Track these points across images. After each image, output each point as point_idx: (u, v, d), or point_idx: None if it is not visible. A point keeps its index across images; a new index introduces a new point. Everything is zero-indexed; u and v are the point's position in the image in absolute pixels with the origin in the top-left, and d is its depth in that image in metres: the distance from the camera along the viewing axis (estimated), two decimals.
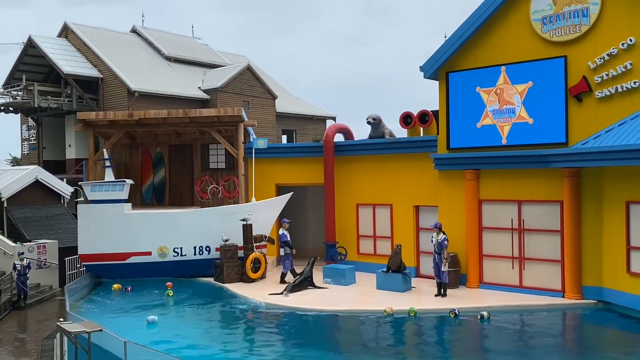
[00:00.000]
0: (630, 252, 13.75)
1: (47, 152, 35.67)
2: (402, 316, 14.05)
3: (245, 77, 35.85)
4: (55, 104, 32.33)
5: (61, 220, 24.90)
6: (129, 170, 22.87)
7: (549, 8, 15.28)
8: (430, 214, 17.95)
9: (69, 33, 34.66)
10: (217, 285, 17.99)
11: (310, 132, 41.70)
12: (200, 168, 22.39)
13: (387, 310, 14.27)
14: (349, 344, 12.49)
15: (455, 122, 16.95)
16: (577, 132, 14.85)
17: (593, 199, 14.67)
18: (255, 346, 12.16)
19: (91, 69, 32.53)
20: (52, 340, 14.44)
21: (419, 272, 18.30)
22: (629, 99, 14.07)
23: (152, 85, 32.49)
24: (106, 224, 18.81)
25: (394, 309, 14.26)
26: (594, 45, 14.64)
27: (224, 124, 20.70)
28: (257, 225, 18.64)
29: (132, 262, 18.84)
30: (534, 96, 15.55)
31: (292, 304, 15.16)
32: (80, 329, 10.83)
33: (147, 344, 11.34)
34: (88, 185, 19.37)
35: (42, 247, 21.39)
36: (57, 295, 20.42)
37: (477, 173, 16.56)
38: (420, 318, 13.95)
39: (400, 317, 14.03)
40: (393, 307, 14.34)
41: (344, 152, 20.07)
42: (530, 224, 15.79)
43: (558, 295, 15.14)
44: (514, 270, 16.05)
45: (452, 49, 16.76)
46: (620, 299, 14.03)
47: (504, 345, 12.06)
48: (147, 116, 20.23)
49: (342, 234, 19.98)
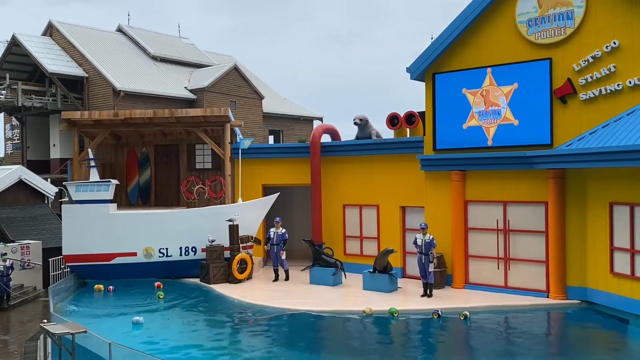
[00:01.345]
0: (613, 252, 13.90)
1: (31, 151, 35.31)
2: (382, 316, 14.04)
3: (232, 77, 35.77)
4: (39, 103, 32.00)
5: (45, 220, 24.63)
6: (114, 170, 22.71)
7: (534, 10, 15.41)
8: (417, 214, 18.02)
9: (53, 31, 34.34)
10: (203, 286, 17.91)
11: (297, 132, 41.70)
12: (186, 168, 22.28)
13: (366, 310, 14.25)
14: (330, 345, 12.53)
15: (441, 123, 17.04)
16: (562, 133, 14.99)
17: (577, 200, 14.81)
18: (240, 347, 12.12)
19: (76, 68, 32.26)
20: (35, 341, 14.27)
21: (405, 273, 18.36)
22: (612, 101, 14.23)
23: (138, 85, 32.29)
24: (91, 225, 18.65)
25: (373, 310, 14.26)
26: (578, 47, 14.79)
27: (210, 124, 20.63)
28: (243, 226, 18.59)
29: (117, 263, 18.70)
30: (519, 98, 15.67)
31: (279, 304, 15.13)
32: (64, 331, 10.73)
33: (132, 345, 11.26)
34: (73, 186, 19.20)
35: (26, 247, 21.15)
36: (40, 296, 20.20)
37: (463, 174, 16.66)
38: (402, 318, 13.95)
39: (381, 317, 14.01)
40: (372, 308, 14.33)
41: (330, 153, 20.09)
42: (516, 224, 15.91)
43: (543, 296, 15.26)
44: (499, 270, 16.16)
45: (438, 50, 16.84)
46: (603, 299, 14.18)
47: (488, 345, 12.11)
48: (133, 116, 20.10)
49: (329, 234, 19.99)
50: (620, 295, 13.63)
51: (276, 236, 18.20)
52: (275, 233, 18.21)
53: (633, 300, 13.26)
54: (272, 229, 18.40)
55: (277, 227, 18.27)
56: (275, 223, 18.36)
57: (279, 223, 18.34)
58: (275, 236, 18.21)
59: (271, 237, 18.27)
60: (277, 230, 18.22)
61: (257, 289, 17.37)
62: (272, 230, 18.34)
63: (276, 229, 18.24)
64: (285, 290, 16.85)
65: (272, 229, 18.40)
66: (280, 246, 18.11)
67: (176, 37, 41.71)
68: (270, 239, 18.27)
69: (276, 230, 18.23)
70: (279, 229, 18.23)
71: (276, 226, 18.28)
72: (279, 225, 18.30)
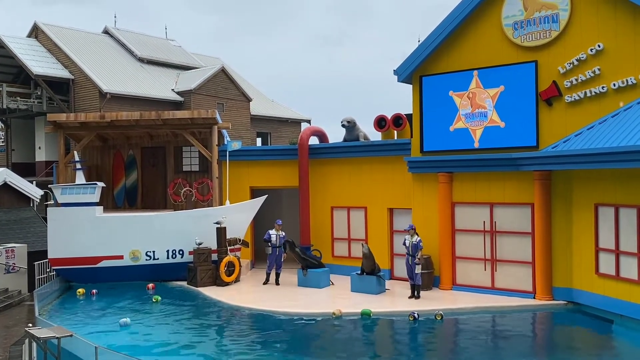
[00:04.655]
0: (598, 253, 14.03)
1: (16, 154, 35.01)
2: (353, 318, 14.03)
3: (220, 79, 35.68)
4: (24, 105, 31.76)
5: (30, 223, 24.41)
6: (101, 172, 22.55)
7: (520, 13, 15.53)
8: (404, 216, 18.07)
9: (39, 33, 34.08)
10: (190, 289, 17.83)
11: (285, 134, 41.69)
12: (173, 171, 22.18)
13: (335, 312, 14.24)
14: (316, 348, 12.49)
15: (428, 125, 17.11)
16: (548, 135, 15.11)
17: (563, 202, 14.93)
18: (227, 350, 12.07)
19: (62, 69, 32.03)
20: (20, 346, 14.13)
21: (393, 275, 18.40)
22: (597, 104, 14.37)
23: (125, 87, 32.12)
24: (77, 228, 18.50)
25: (343, 312, 14.26)
26: (563, 50, 14.92)
27: (197, 126, 20.56)
28: (231, 228, 18.53)
29: (104, 266, 18.56)
30: (505, 100, 15.78)
31: (266, 307, 15.10)
32: (49, 335, 10.64)
33: (118, 348, 11.20)
34: (58, 188, 19.04)
35: (11, 251, 20.92)
36: (26, 300, 20.00)
37: (450, 176, 16.74)
38: (376, 320, 13.95)
39: (351, 319, 13.98)
40: (342, 310, 14.34)
41: (318, 155, 20.10)
42: (502, 226, 16.01)
43: (529, 297, 15.36)
44: (486, 272, 16.24)
45: (425, 53, 16.92)
46: (589, 300, 14.30)
47: (474, 346, 12.13)
48: (119, 118, 19.99)
49: (317, 236, 19.98)
50: (606, 296, 13.75)
51: (279, 239, 17.95)
52: (277, 236, 18.02)
53: (618, 301, 13.40)
54: (272, 230, 18.12)
55: (278, 229, 18.09)
56: (276, 225, 18.17)
57: (280, 225, 18.19)
58: (277, 239, 17.94)
59: (273, 240, 17.94)
60: (278, 233, 18.07)
61: (245, 292, 17.32)
62: (273, 233, 18.04)
63: (277, 232, 18.08)
64: (273, 293, 16.81)
65: (272, 230, 18.12)
66: (282, 249, 17.98)
67: (163, 39, 41.54)
68: (273, 242, 17.95)
69: (277, 233, 18.07)
70: (279, 232, 18.10)
71: (277, 228, 18.09)
72: (280, 227, 18.17)
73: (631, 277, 13.10)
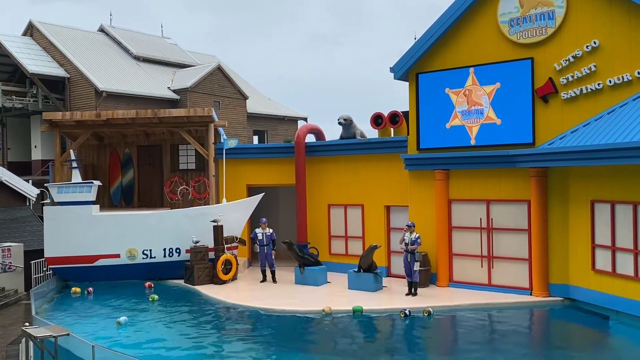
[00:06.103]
0: (595, 249, 14.07)
1: (12, 153, 34.90)
2: (344, 315, 14.04)
3: (216, 77, 35.64)
4: (20, 104, 31.66)
5: (27, 222, 24.36)
6: (97, 171, 22.50)
7: (516, 10, 15.54)
8: (401, 213, 18.09)
9: (34, 31, 33.97)
10: (187, 287, 17.81)
11: (281, 132, 41.66)
12: (169, 169, 22.15)
13: (325, 309, 14.26)
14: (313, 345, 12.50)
15: (425, 122, 17.12)
16: (544, 132, 15.13)
17: (559, 198, 14.96)
18: (224, 348, 12.07)
19: (57, 68, 31.94)
20: (17, 345, 14.11)
21: (390, 272, 18.42)
22: (593, 100, 14.40)
23: (121, 85, 32.05)
24: (73, 226, 18.46)
25: (332, 309, 14.27)
26: (559, 47, 14.94)
27: (194, 125, 20.53)
28: (228, 227, 18.51)
29: (101, 265, 18.53)
30: (501, 97, 15.79)
31: (263, 305, 15.09)
32: (46, 334, 10.63)
33: (116, 347, 11.19)
34: (54, 187, 18.99)
35: (7, 250, 20.89)
36: (22, 300, 19.97)
37: (447, 173, 16.75)
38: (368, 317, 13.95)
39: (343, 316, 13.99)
40: (331, 307, 14.34)
41: (315, 153, 20.09)
42: (499, 223, 16.03)
43: (526, 293, 15.40)
44: (483, 268, 16.27)
45: (421, 50, 16.92)
46: (585, 296, 14.35)
47: (471, 342, 12.16)
48: (115, 116, 19.94)
49: (314, 234, 19.99)
50: (602, 292, 13.80)
51: (265, 237, 18.11)
52: (264, 234, 18.11)
53: (614, 297, 13.45)
54: (258, 229, 18.29)
55: (264, 227, 18.19)
56: (261, 224, 18.29)
57: (265, 224, 18.27)
58: (264, 237, 18.11)
59: (259, 238, 18.13)
60: (264, 231, 18.14)
61: (242, 290, 17.33)
62: (259, 231, 18.20)
63: (263, 230, 18.17)
64: (270, 291, 16.82)
65: (258, 229, 18.29)
66: (270, 246, 18.04)
67: (159, 37, 41.47)
68: (260, 240, 18.13)
69: (263, 231, 18.15)
70: (265, 230, 18.17)
71: (262, 227, 18.21)
72: (266, 225, 18.24)
73: (627, 274, 13.15)
